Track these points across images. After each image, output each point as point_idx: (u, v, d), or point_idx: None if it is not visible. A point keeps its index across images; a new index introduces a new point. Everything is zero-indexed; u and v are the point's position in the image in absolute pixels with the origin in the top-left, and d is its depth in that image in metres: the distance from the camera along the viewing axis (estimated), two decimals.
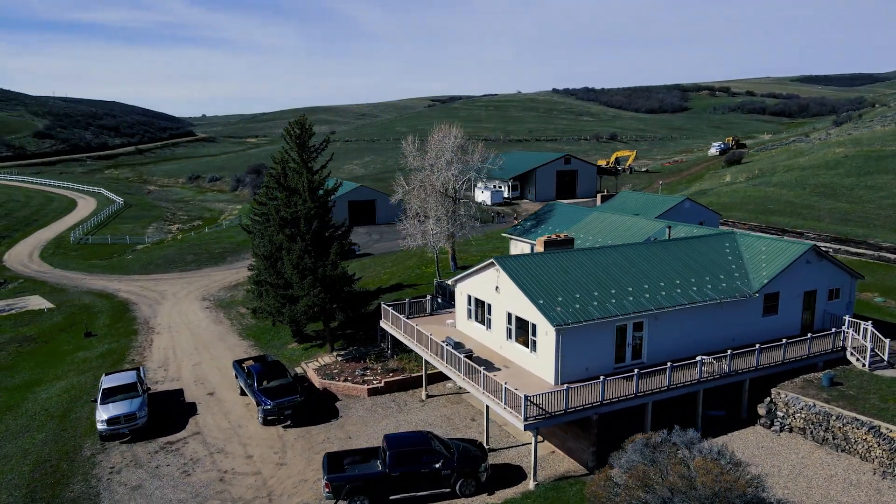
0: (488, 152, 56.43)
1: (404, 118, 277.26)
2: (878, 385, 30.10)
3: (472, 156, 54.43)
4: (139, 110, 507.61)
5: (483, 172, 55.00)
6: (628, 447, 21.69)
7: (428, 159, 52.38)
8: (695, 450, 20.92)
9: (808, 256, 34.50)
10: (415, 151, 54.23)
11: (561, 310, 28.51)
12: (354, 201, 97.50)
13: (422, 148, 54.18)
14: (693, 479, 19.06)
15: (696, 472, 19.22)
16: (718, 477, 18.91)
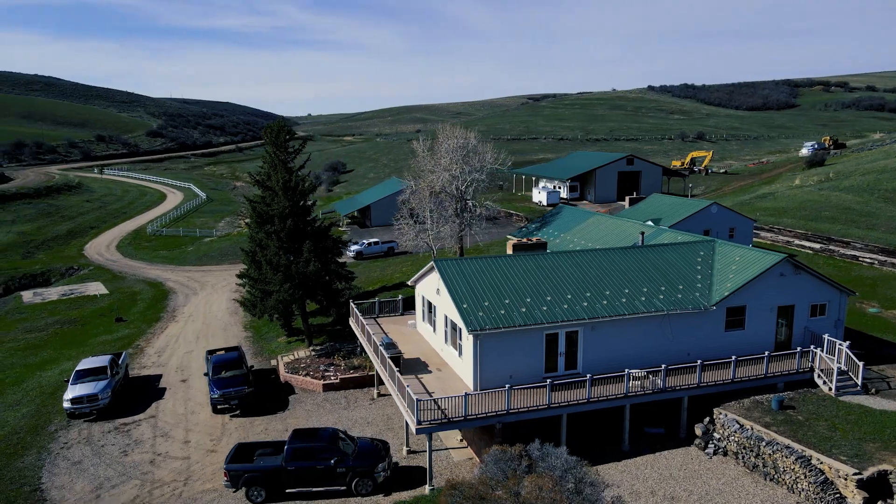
0: (499, 154, 56.05)
1: (493, 116, 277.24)
2: (834, 412, 27.72)
3: (481, 157, 54.30)
4: (249, 110, 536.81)
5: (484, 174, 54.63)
6: (486, 458, 21.35)
7: (429, 161, 52.81)
8: (544, 465, 20.29)
9: (782, 269, 32.13)
10: (425, 152, 54.77)
11: (483, 315, 28.24)
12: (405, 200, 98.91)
13: (432, 148, 54.65)
14: (519, 495, 18.59)
15: (522, 488, 18.73)
16: (546, 493, 18.34)
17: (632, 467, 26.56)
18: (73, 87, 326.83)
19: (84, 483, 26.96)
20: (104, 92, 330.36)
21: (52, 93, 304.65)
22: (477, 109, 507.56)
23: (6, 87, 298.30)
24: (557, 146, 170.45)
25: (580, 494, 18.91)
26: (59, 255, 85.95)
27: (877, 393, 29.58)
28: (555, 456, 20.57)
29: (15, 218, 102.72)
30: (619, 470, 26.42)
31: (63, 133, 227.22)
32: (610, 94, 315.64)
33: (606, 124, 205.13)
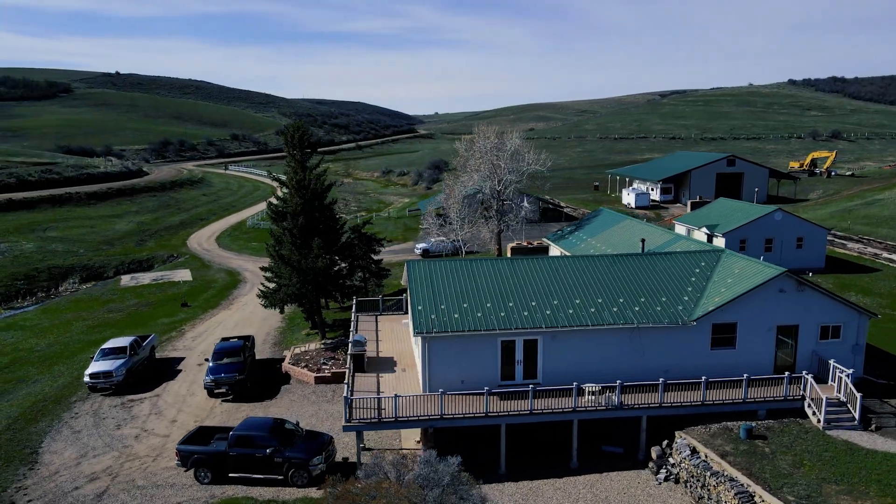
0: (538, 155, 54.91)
1: (611, 115, 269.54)
2: (810, 447, 24.99)
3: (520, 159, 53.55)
4: (378, 109, 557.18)
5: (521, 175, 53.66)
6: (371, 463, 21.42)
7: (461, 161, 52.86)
8: (411, 475, 20.02)
9: (782, 284, 29.26)
10: (465, 153, 54.87)
11: (435, 317, 28.17)
12: None
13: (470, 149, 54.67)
14: (375, 498, 18.60)
15: (377, 491, 18.70)
16: (391, 494, 18.27)
17: (570, 486, 25.43)
18: (219, 89, 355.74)
19: (73, 450, 29.96)
20: (245, 94, 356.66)
21: (201, 95, 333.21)
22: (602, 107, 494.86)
23: (164, 90, 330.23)
24: (667, 145, 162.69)
25: None
26: (166, 244, 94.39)
27: (878, 430, 26.23)
28: (446, 465, 20.24)
29: (139, 209, 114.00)
30: (555, 487, 25.39)
31: (204, 132, 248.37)
32: (742, 89, 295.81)
33: (727, 122, 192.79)
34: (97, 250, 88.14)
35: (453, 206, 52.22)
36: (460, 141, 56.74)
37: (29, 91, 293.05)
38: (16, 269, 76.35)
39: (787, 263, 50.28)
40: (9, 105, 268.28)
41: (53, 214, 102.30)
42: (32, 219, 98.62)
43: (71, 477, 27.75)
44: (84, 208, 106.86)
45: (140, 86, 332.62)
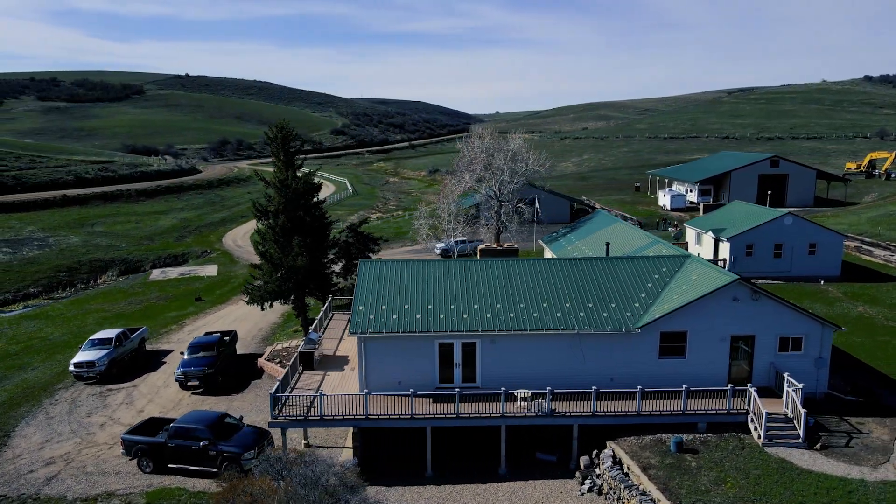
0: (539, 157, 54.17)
1: (669, 113, 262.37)
2: (741, 464, 23.88)
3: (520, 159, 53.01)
4: (438, 109, 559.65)
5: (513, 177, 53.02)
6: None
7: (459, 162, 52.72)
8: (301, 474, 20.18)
9: (736, 292, 27.99)
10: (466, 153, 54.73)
11: (373, 317, 28.34)
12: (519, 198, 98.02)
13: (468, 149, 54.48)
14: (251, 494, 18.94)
15: (250, 487, 19.03)
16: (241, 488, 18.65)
17: (490, 492, 25.12)
18: (281, 90, 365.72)
19: (41, 436, 31.65)
20: (305, 94, 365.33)
21: (263, 96, 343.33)
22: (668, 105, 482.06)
23: (228, 91, 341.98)
24: (719, 145, 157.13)
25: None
26: (203, 240, 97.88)
27: (823, 449, 24.79)
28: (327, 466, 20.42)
29: (185, 206, 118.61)
30: (475, 493, 25.12)
31: (262, 132, 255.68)
32: (811, 86, 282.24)
33: (788, 121, 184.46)
34: (138, 245, 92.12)
35: (444, 206, 52.20)
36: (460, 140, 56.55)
37: (105, 93, 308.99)
38: (60, 262, 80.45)
39: (797, 271, 48.10)
40: (86, 106, 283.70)
41: (103, 210, 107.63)
42: (83, 214, 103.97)
43: (30, 460, 29.32)
44: (132, 205, 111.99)
45: (207, 87, 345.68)
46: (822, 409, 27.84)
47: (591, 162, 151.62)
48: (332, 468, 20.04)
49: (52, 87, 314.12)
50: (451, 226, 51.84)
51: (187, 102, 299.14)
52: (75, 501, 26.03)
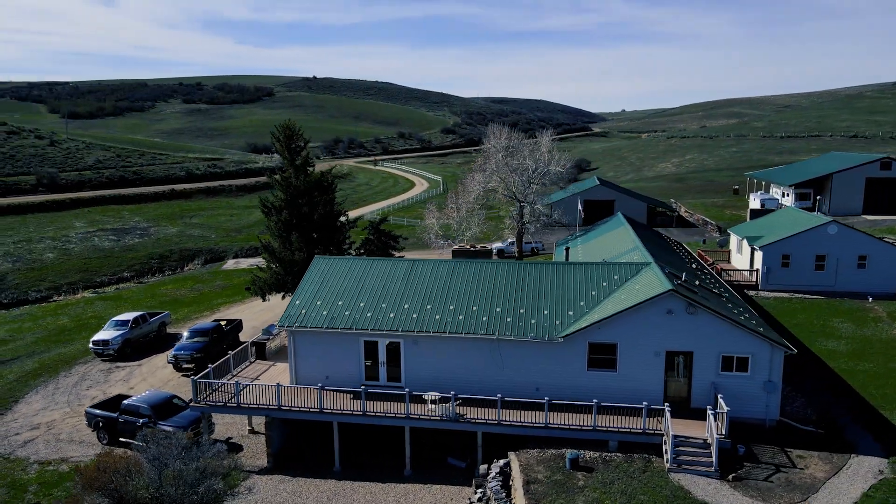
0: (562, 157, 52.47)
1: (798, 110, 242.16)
2: (631, 488, 22.37)
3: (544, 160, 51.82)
4: (560, 107, 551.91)
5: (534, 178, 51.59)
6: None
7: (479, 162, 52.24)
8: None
9: (670, 305, 26.05)
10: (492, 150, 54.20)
11: (305, 312, 29.19)
12: (590, 200, 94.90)
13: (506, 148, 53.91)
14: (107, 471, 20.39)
15: (109, 463, 20.45)
16: None
17: (383, 493, 25.14)
18: (399, 90, 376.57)
19: (41, 403, 35.44)
20: (423, 94, 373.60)
21: (382, 96, 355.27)
22: (812, 101, 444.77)
23: (349, 92, 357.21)
24: (842, 145, 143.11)
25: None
26: None
27: (737, 481, 22.59)
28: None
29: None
30: (368, 491, 25.26)
31: (375, 131, 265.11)
32: None
33: None
34: (226, 236, 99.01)
35: (455, 206, 51.98)
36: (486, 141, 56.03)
37: (240, 95, 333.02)
38: (154, 250, 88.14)
39: (844, 285, 43.67)
40: (222, 108, 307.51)
41: (204, 203, 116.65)
42: (185, 207, 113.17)
43: (21, 424, 32.99)
44: (232, 199, 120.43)
45: (331, 88, 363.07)
46: (767, 439, 25.29)
47: (692, 162, 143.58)
48: (208, 454, 21.05)
49: (196, 91, 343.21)
50: (463, 225, 51.63)
51: (311, 103, 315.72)
52: (34, 464, 29.05)
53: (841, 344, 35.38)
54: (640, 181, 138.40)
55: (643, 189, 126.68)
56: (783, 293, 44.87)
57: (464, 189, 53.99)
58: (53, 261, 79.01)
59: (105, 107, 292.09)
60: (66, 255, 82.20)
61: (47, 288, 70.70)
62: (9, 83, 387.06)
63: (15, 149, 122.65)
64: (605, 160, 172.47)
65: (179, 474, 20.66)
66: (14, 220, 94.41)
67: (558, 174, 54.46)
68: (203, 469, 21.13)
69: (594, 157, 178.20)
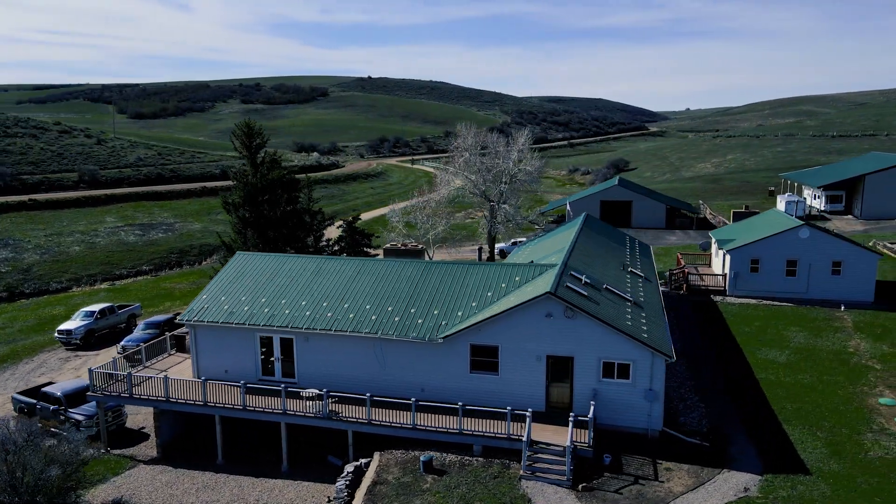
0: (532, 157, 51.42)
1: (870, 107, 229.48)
2: (472, 494, 21.91)
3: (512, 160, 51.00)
4: (619, 106, 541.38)
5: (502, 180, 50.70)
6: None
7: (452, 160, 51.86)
8: None
9: (549, 308, 25.29)
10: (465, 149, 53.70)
11: (207, 307, 29.77)
12: (607, 201, 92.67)
13: None
14: None
15: None
16: None
17: (250, 487, 25.39)
18: (452, 89, 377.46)
19: None
20: (475, 93, 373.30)
21: (434, 96, 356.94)
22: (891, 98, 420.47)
23: (402, 91, 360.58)
24: None
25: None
26: None
27: (586, 491, 21.76)
28: None
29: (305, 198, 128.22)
30: (237, 484, 25.57)
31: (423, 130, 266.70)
32: None
33: None
34: None
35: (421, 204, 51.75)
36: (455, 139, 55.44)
37: (295, 96, 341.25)
38: (175, 245, 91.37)
39: (817, 293, 41.47)
40: (278, 108, 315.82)
41: None
42: (214, 204, 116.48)
43: None
44: None
45: (384, 88, 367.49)
46: (644, 449, 24.20)
47: (733, 163, 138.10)
48: (16, 435, 21.85)
49: (254, 92, 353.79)
50: (428, 223, 51.35)
51: (363, 103, 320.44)
52: None
53: (784, 354, 33.46)
54: (675, 181, 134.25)
55: (676, 189, 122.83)
56: (751, 299, 42.74)
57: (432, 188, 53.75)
58: (78, 254, 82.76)
59: (168, 107, 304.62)
60: (91, 248, 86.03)
61: (68, 279, 74.06)
62: (85, 85, 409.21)
63: (64, 147, 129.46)
64: (645, 160, 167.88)
65: (27, 461, 21.47)
66: (51, 214, 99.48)
67: (529, 174, 53.37)
68: (52, 457, 21.89)
69: (636, 157, 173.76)
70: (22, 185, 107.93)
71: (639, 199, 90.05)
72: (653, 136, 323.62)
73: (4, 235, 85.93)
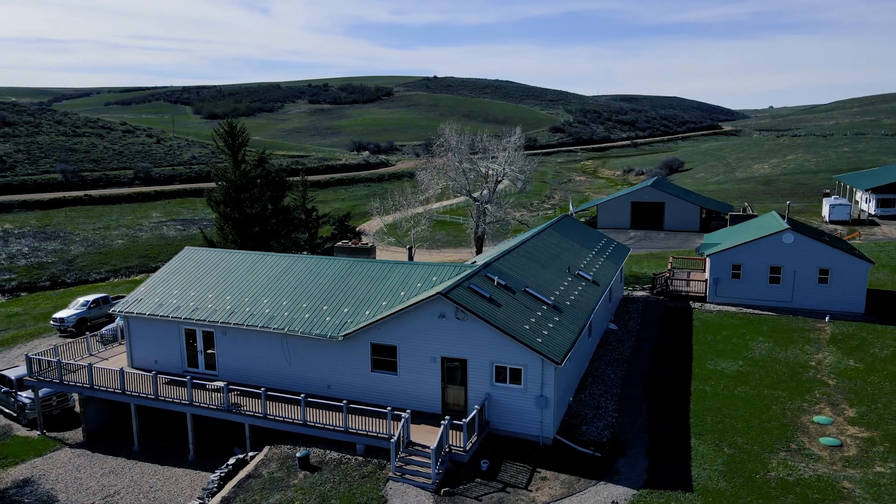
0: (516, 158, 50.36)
1: None
2: (332, 492, 21.91)
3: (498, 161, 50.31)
4: (695, 104, 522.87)
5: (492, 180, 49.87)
6: None
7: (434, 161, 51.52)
8: None
9: (442, 309, 24.90)
10: None
11: (141, 299, 30.91)
12: (638, 202, 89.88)
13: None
14: None
15: None
16: None
17: (148, 473, 26.24)
18: (516, 88, 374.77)
19: None
20: (539, 92, 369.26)
21: (498, 95, 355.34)
22: None
23: (465, 90, 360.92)
24: None
25: None
26: None
27: (447, 496, 21.35)
28: None
29: (347, 196, 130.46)
30: (137, 470, 26.43)
31: (482, 129, 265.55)
32: None
33: None
34: None
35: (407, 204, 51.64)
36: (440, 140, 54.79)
37: (360, 96, 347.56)
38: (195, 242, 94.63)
39: (802, 302, 39.24)
40: (343, 108, 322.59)
41: None
42: None
43: None
44: None
45: (449, 87, 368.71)
46: (529, 457, 23.47)
47: (792, 163, 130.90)
48: None
49: (322, 92, 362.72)
50: (409, 224, 51.22)
51: (426, 102, 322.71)
52: None
53: (735, 365, 31.60)
54: (726, 183, 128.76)
55: (725, 191, 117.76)
56: (731, 307, 40.56)
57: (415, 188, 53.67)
58: (120, 247, 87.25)
59: (239, 108, 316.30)
60: (133, 241, 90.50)
61: (107, 270, 78.20)
62: (166, 87, 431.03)
63: (125, 146, 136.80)
64: (702, 160, 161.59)
65: None
66: (103, 209, 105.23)
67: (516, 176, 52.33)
68: None
69: (694, 158, 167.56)
70: (82, 181, 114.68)
71: (672, 201, 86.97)
72: (725, 135, 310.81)
73: (57, 228, 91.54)
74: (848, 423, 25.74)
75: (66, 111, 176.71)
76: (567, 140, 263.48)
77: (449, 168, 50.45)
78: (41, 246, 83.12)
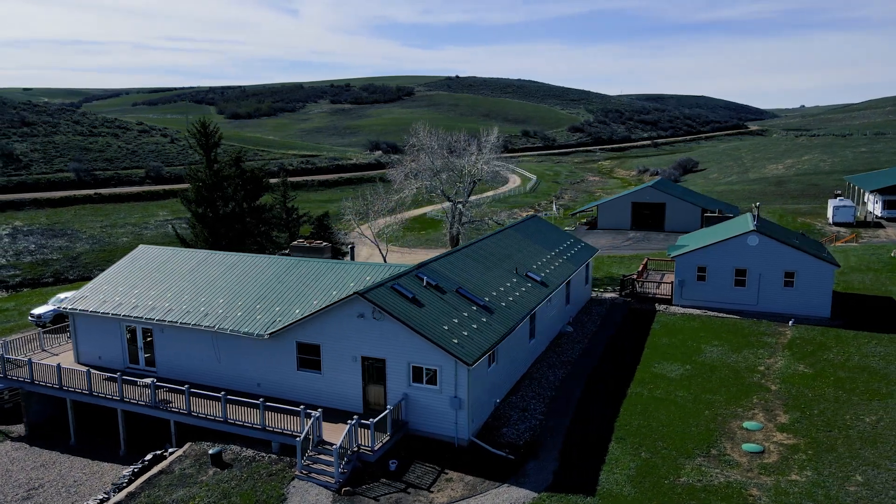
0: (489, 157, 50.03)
1: None
2: (230, 488, 22.00)
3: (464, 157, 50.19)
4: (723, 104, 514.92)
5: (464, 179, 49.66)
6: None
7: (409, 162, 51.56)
8: None
9: (360, 308, 24.91)
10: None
11: (87, 296, 31.46)
12: (639, 203, 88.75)
13: None
14: None
15: None
16: None
17: (78, 467, 26.65)
18: (538, 87, 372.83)
19: None
20: (560, 91, 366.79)
21: (519, 94, 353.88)
22: None
23: (487, 90, 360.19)
24: None
25: None
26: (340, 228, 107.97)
27: (347, 495, 21.34)
28: None
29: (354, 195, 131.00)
30: (64, 462, 26.90)
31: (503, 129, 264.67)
32: None
33: None
34: None
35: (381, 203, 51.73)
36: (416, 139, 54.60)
37: (382, 95, 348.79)
38: None
39: (767, 305, 38.53)
40: (364, 107, 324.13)
41: None
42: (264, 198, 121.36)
43: None
44: (308, 193, 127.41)
45: (471, 87, 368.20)
46: (442, 458, 23.34)
47: (807, 164, 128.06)
48: None
49: (343, 92, 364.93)
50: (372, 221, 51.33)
51: (446, 102, 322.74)
52: None
53: (681, 369, 31.04)
54: (738, 184, 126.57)
55: (735, 192, 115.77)
56: (695, 310, 39.86)
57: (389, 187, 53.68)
58: (125, 244, 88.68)
59: (262, 108, 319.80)
60: (138, 239, 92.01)
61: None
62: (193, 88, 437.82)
63: (139, 145, 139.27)
64: (718, 161, 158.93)
65: None
66: (113, 207, 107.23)
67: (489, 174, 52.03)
68: None
69: (710, 158, 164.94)
70: (94, 179, 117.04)
71: (673, 202, 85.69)
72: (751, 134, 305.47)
73: (66, 226, 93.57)
74: (777, 429, 25.10)
75: (85, 111, 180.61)
76: (586, 140, 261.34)
77: (421, 168, 50.39)
78: (48, 243, 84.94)
